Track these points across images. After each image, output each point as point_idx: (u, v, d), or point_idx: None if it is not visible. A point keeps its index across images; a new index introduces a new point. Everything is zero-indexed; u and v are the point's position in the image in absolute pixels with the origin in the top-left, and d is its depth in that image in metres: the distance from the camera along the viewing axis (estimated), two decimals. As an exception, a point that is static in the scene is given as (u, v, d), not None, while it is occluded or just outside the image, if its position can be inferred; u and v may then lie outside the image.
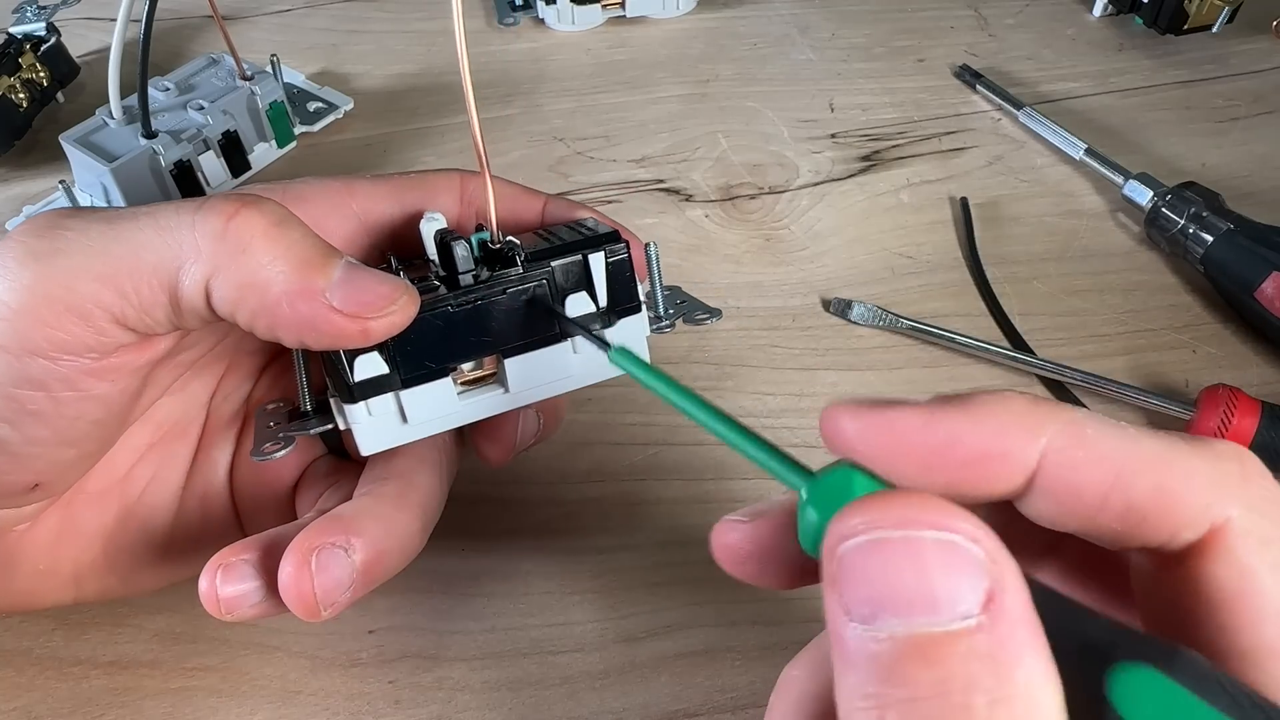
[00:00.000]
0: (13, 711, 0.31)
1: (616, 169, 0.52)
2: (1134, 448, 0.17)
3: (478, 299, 0.27)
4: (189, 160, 0.47)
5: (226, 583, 0.26)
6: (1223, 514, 0.17)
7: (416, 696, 0.32)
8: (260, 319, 0.25)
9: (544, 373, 0.28)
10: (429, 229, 0.28)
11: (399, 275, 0.26)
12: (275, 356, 0.33)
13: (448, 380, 0.27)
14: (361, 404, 0.26)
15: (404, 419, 0.27)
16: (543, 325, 0.28)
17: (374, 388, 0.26)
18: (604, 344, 0.24)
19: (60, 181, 0.46)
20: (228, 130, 0.49)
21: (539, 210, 0.32)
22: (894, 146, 0.53)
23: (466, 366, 0.28)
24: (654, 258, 0.30)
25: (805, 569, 0.20)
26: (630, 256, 0.28)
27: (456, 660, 0.33)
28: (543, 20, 0.61)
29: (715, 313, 0.32)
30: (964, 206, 0.49)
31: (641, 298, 0.29)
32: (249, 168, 0.51)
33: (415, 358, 0.26)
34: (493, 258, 0.27)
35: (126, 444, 0.30)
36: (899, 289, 0.45)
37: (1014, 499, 0.18)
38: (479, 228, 0.29)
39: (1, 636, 0.33)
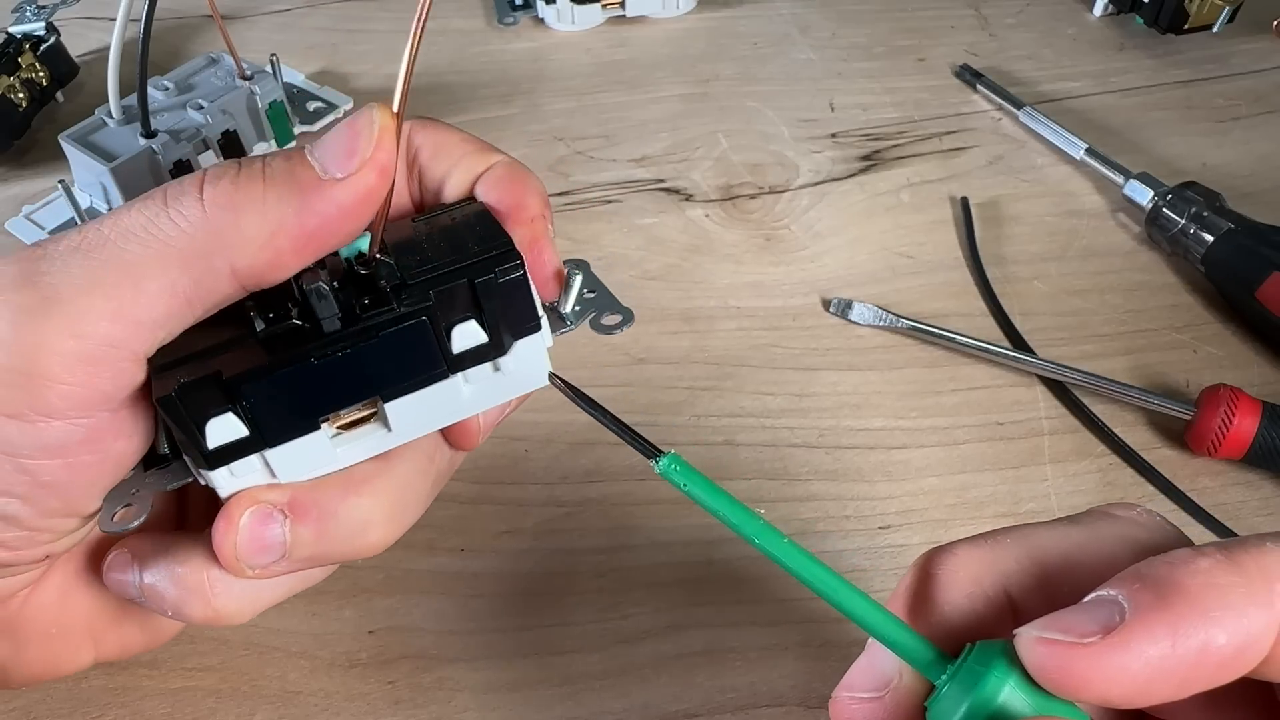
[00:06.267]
0: (12, 712, 0.31)
1: (616, 169, 0.52)
2: None
3: (346, 348, 0.23)
4: (188, 160, 0.47)
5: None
6: None
7: (416, 696, 0.32)
8: (284, 255, 0.23)
9: (432, 408, 0.25)
10: None
11: (253, 319, 0.23)
12: None
13: (319, 433, 0.24)
14: (223, 469, 0.24)
15: (273, 475, 0.24)
16: (427, 362, 0.24)
17: (233, 452, 0.23)
18: (651, 454, 0.22)
19: (60, 181, 0.46)
20: (227, 130, 0.49)
21: (474, 178, 0.28)
22: (894, 146, 0.53)
23: (342, 411, 0.25)
24: (576, 288, 0.27)
25: None
26: (525, 275, 0.24)
27: (456, 660, 0.33)
28: (542, 20, 0.61)
29: (626, 316, 0.28)
30: (964, 206, 0.49)
31: (540, 311, 0.25)
32: (248, 167, 0.51)
33: (278, 415, 0.23)
34: (363, 284, 0.24)
35: None
36: (899, 289, 0.45)
37: None
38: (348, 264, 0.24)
39: (0, 637, 0.33)
